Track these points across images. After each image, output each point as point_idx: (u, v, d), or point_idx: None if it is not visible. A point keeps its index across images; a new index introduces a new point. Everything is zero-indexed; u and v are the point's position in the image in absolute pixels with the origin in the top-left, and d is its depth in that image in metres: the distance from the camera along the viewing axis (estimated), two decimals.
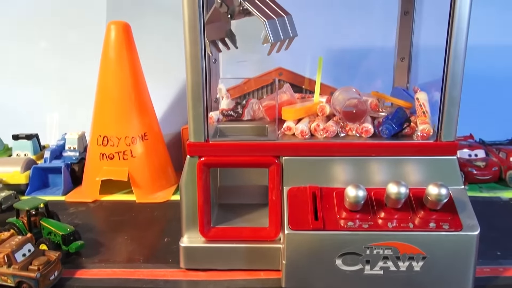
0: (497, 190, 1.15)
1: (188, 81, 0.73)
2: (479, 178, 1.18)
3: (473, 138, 1.34)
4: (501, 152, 1.24)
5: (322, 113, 0.85)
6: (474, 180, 1.18)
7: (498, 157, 1.24)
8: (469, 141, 1.32)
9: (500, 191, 1.14)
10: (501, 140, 1.35)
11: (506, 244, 0.87)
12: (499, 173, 1.20)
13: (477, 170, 1.19)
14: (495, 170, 1.19)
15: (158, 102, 1.26)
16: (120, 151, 1.12)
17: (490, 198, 1.10)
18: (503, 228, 0.94)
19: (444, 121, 0.74)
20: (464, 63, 0.71)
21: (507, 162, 1.20)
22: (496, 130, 1.38)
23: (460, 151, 1.24)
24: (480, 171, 1.19)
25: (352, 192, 0.69)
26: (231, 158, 0.76)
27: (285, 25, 0.78)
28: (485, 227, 0.71)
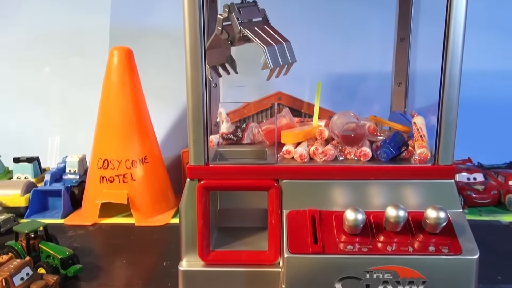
0: (497, 213, 1.15)
1: (188, 105, 0.74)
2: (478, 201, 1.18)
3: (472, 161, 1.35)
4: (499, 176, 1.25)
5: (321, 137, 0.86)
6: (473, 203, 1.18)
7: (497, 180, 1.24)
8: (467, 164, 1.33)
9: (499, 214, 1.14)
10: (500, 164, 1.36)
11: (507, 268, 0.86)
12: (498, 196, 1.20)
13: (476, 193, 1.19)
14: (494, 193, 1.20)
15: (158, 125, 1.27)
16: (120, 174, 1.13)
17: (490, 222, 1.10)
18: (504, 252, 0.94)
19: (441, 145, 0.75)
20: (459, 89, 0.73)
21: (506, 186, 1.20)
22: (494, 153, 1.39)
23: (458, 175, 1.25)
24: (479, 194, 1.19)
25: (351, 215, 0.69)
26: (230, 181, 0.77)
27: (284, 52, 0.80)
28: (485, 251, 0.71)
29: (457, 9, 0.70)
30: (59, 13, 1.39)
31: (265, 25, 0.84)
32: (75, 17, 1.39)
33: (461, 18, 0.70)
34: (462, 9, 0.70)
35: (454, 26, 0.71)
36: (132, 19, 1.38)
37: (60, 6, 1.39)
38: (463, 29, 0.71)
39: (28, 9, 1.40)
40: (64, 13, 1.39)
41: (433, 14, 0.84)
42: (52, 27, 1.40)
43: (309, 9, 1.32)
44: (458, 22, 0.70)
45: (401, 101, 1.05)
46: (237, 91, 1.28)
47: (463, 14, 0.70)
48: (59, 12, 1.39)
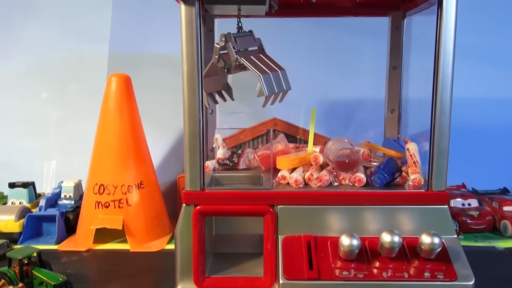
0: (492, 239, 1.15)
1: (185, 131, 0.75)
2: (473, 227, 1.19)
3: (466, 187, 1.36)
4: (493, 202, 1.26)
5: (316, 163, 0.87)
6: (468, 229, 1.19)
7: (491, 206, 1.25)
8: (462, 190, 1.33)
9: (495, 240, 1.14)
10: (494, 190, 1.37)
11: None
12: (493, 222, 1.21)
13: (471, 219, 1.19)
14: (489, 219, 1.20)
15: (155, 150, 1.27)
16: (116, 200, 1.13)
17: (485, 248, 1.10)
18: (499, 278, 0.93)
19: (434, 171, 0.76)
20: (450, 116, 0.75)
21: (500, 212, 1.21)
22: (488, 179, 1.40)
23: (453, 200, 1.25)
24: (474, 220, 1.19)
25: (347, 241, 0.70)
26: (226, 206, 0.77)
27: (279, 79, 0.82)
28: (480, 277, 0.71)
29: (446, 39, 0.73)
30: (59, 41, 1.42)
31: (261, 54, 0.86)
32: (74, 45, 1.41)
33: (450, 49, 0.73)
34: (451, 40, 0.73)
35: (444, 56, 0.73)
36: (131, 47, 1.40)
37: (60, 35, 1.42)
38: (452, 58, 0.73)
39: (29, 37, 1.43)
40: (64, 41, 1.42)
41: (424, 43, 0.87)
42: (52, 55, 1.42)
43: (304, 38, 1.36)
44: (447, 52, 0.73)
45: (394, 128, 1.07)
46: (233, 117, 1.30)
47: (451, 44, 0.73)
48: (59, 40, 1.42)
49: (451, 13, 0.72)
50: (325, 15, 1.08)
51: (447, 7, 0.72)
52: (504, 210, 1.21)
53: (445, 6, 0.72)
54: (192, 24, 0.73)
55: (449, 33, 0.73)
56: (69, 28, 1.42)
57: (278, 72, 0.83)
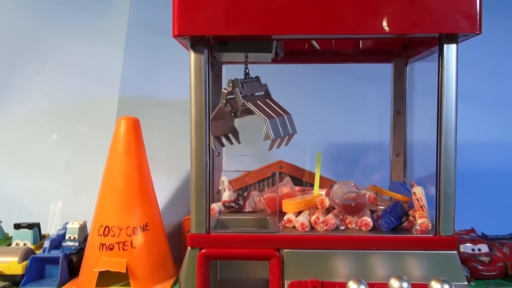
0: (505, 286, 1.12)
1: (192, 174, 0.76)
2: (485, 274, 1.15)
3: (475, 232, 1.34)
4: (504, 247, 1.23)
5: (322, 206, 0.87)
6: (479, 276, 1.15)
7: (502, 252, 1.22)
8: (471, 235, 1.31)
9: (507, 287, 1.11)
10: (504, 235, 1.34)
11: None
12: (505, 268, 1.18)
13: (482, 265, 1.16)
14: (501, 265, 1.17)
15: (161, 192, 1.27)
16: (120, 242, 1.11)
17: None
18: None
19: (441, 216, 0.76)
20: (455, 161, 0.75)
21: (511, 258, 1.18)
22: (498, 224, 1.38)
23: (463, 245, 1.23)
24: (485, 266, 1.16)
25: (354, 287, 0.68)
26: (232, 250, 0.77)
27: (285, 123, 0.83)
28: None
29: (448, 85, 0.75)
30: (70, 85, 1.46)
31: (267, 99, 0.88)
32: (86, 88, 1.45)
33: (453, 94, 0.75)
34: (453, 85, 0.75)
35: (446, 101, 0.74)
36: (140, 90, 1.44)
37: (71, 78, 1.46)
38: (455, 104, 0.74)
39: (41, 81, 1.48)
40: (75, 85, 1.46)
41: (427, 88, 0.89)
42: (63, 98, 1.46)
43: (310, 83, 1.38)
44: (450, 98, 0.74)
45: (400, 171, 1.07)
46: (239, 159, 1.30)
47: (454, 90, 0.75)
48: (70, 84, 1.46)
49: (452, 60, 0.74)
50: (330, 62, 1.11)
51: (448, 55, 0.74)
52: None
53: (446, 54, 0.74)
54: (200, 71, 0.76)
55: (451, 80, 0.74)
56: (82, 72, 1.46)
57: (284, 116, 0.84)
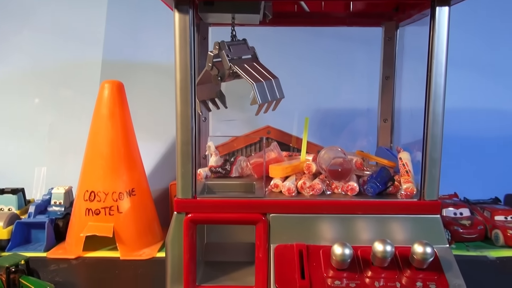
0: (484, 249, 1.16)
1: (178, 139, 0.75)
2: (465, 236, 1.19)
3: (458, 196, 1.37)
4: (485, 211, 1.26)
5: (309, 171, 0.87)
6: (460, 238, 1.19)
7: (483, 215, 1.26)
8: (453, 199, 1.34)
9: (486, 250, 1.15)
10: (485, 199, 1.37)
11: None
12: (485, 231, 1.21)
13: (463, 228, 1.20)
14: (481, 228, 1.21)
15: (147, 157, 1.27)
16: (106, 207, 1.11)
17: (477, 257, 1.10)
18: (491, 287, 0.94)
19: (427, 180, 0.76)
20: (442, 126, 0.75)
21: (492, 221, 1.22)
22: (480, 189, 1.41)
23: (445, 209, 1.26)
24: (466, 229, 1.20)
25: (339, 250, 0.69)
26: (218, 215, 0.77)
27: (272, 88, 0.82)
28: (472, 287, 0.71)
29: (439, 50, 0.74)
30: (52, 46, 1.41)
31: (254, 62, 0.86)
32: (68, 50, 1.41)
33: (443, 59, 0.74)
34: (443, 50, 0.74)
35: (436, 67, 0.74)
36: (124, 53, 1.40)
37: (54, 40, 1.41)
38: (444, 69, 0.74)
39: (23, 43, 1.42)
40: (57, 46, 1.41)
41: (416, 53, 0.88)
42: (45, 60, 1.42)
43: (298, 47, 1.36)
44: (440, 63, 0.74)
45: (387, 137, 1.07)
46: (226, 125, 1.30)
47: (444, 55, 0.73)
48: (52, 45, 1.41)
49: (444, 24, 0.73)
50: (319, 25, 1.09)
51: (439, 19, 0.73)
52: (496, 219, 1.22)
53: (438, 17, 0.73)
54: (186, 32, 0.73)
55: (441, 44, 0.73)
56: (63, 34, 1.41)
57: (271, 80, 0.83)
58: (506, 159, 1.43)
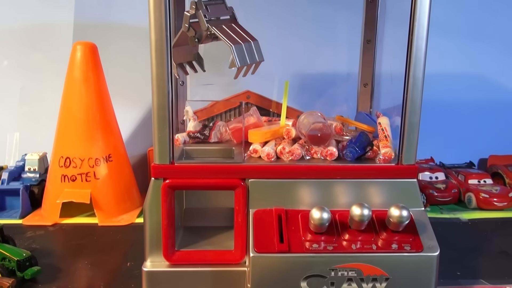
0: (457, 211, 1.19)
1: (154, 103, 0.72)
2: (440, 200, 1.22)
3: (434, 161, 1.39)
4: (460, 175, 1.29)
5: (288, 136, 0.86)
6: (435, 201, 1.22)
7: (457, 179, 1.29)
8: (430, 164, 1.37)
9: (459, 212, 1.18)
10: (460, 163, 1.41)
11: (465, 264, 0.90)
12: (458, 195, 1.25)
13: (438, 192, 1.23)
14: (455, 192, 1.24)
15: (124, 123, 1.25)
16: (82, 173, 1.10)
17: (450, 219, 1.14)
18: (462, 248, 0.97)
19: (405, 145, 0.77)
20: (422, 91, 0.75)
21: (465, 185, 1.25)
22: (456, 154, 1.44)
23: (421, 174, 1.29)
24: (441, 193, 1.23)
25: (317, 214, 0.70)
26: (196, 180, 0.76)
27: (251, 50, 0.79)
28: (445, 248, 0.73)
29: (421, 13, 0.72)
30: (21, 6, 1.34)
31: (233, 24, 0.84)
32: (37, 10, 1.33)
33: (425, 22, 0.72)
34: (426, 13, 0.72)
35: (418, 30, 0.72)
36: (97, 14, 1.34)
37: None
38: (426, 33, 0.72)
39: None
40: (25, 6, 1.34)
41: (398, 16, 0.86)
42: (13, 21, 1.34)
43: (277, 10, 1.33)
44: (422, 26, 0.72)
45: (367, 102, 1.06)
46: (205, 89, 1.28)
47: (426, 18, 0.72)
48: (21, 5, 1.34)
49: None
50: None
51: None
52: (469, 183, 1.25)
53: None
54: None
55: (424, 6, 0.72)
56: None
57: (250, 42, 0.80)
58: (482, 123, 1.46)
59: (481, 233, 1.06)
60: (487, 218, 1.14)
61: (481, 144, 1.46)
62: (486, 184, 1.25)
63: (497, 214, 1.16)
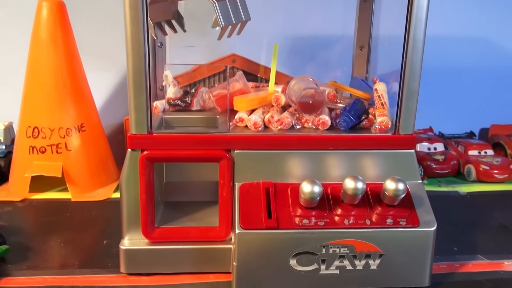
0: (455, 184, 1.21)
1: (129, 67, 0.71)
2: (438, 172, 1.24)
3: (433, 131, 1.40)
4: (459, 146, 1.30)
5: (277, 104, 0.85)
6: (433, 174, 1.24)
7: (457, 150, 1.30)
8: (428, 134, 1.37)
9: (458, 185, 1.20)
10: (460, 134, 1.42)
11: (463, 239, 0.91)
12: (458, 167, 1.26)
13: (436, 164, 1.24)
14: (454, 164, 1.25)
15: (98, 89, 1.23)
16: (53, 144, 1.08)
17: (448, 193, 1.15)
18: (460, 223, 0.99)
19: (402, 114, 0.76)
20: (422, 55, 0.74)
21: (465, 156, 1.26)
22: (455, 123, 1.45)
23: (419, 144, 1.29)
24: (439, 165, 1.24)
25: (308, 188, 0.69)
26: (177, 151, 0.75)
27: (237, 8, 0.77)
28: (442, 222, 0.74)
29: None
30: None
31: None
32: None
33: None
34: None
35: None
36: None
37: None
38: None
39: None
40: None
41: None
42: None
43: None
44: None
45: (362, 67, 1.06)
46: (186, 52, 1.25)
47: None
48: None
49: None
50: None
51: None
52: (469, 154, 1.27)
53: None
54: None
55: None
56: None
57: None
58: (484, 91, 1.46)
59: (480, 207, 1.07)
60: (487, 191, 1.16)
61: (483, 113, 1.47)
62: (487, 155, 1.26)
63: (498, 187, 1.18)
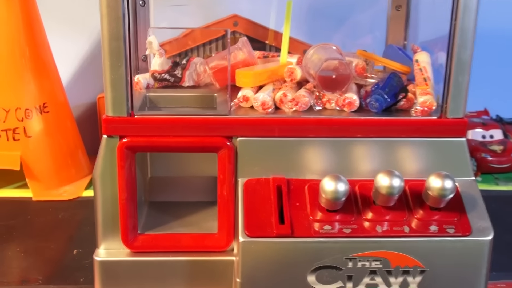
0: None
1: (103, 32, 0.71)
2: (495, 166, 1.24)
3: (488, 114, 1.40)
4: None
5: (291, 79, 0.86)
6: (488, 169, 1.24)
7: None
8: (483, 118, 1.37)
9: None
10: None
11: None
12: None
13: (493, 156, 1.24)
14: None
15: (64, 60, 1.25)
16: (8, 129, 1.10)
17: (509, 193, 1.15)
18: None
19: (451, 91, 0.76)
20: (476, 17, 0.73)
21: None
22: None
23: (471, 131, 1.29)
24: (497, 157, 1.24)
25: (330, 185, 0.70)
26: (165, 139, 0.76)
27: None
28: (501, 230, 0.74)
29: None
30: None
31: None
32: None
33: None
34: None
35: None
36: None
37: None
38: None
39: None
40: None
41: None
42: None
43: None
44: None
45: (400, 32, 1.06)
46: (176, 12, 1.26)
47: None
48: None
49: None
50: None
51: None
52: None
53: None
54: None
55: None
56: None
57: None
58: None
59: None
60: None
61: None
62: None
63: None
